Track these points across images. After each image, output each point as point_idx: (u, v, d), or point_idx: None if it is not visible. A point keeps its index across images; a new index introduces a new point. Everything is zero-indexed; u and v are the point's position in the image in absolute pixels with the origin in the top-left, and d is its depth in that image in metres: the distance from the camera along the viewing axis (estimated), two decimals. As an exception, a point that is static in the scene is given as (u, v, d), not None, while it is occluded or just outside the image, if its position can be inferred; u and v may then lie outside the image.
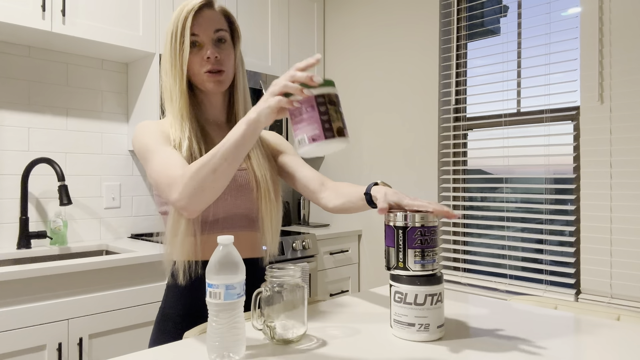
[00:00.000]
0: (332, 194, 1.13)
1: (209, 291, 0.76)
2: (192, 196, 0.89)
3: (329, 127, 0.80)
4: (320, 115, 0.80)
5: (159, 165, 0.97)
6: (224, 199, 1.07)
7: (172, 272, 1.10)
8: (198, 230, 1.06)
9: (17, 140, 2.09)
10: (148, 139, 1.03)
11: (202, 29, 1.07)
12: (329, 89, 0.82)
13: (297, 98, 0.80)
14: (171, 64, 1.07)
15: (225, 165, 0.86)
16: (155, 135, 1.04)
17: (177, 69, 1.07)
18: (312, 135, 0.80)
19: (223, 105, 1.17)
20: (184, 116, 1.06)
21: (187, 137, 1.05)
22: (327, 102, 0.81)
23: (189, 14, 1.05)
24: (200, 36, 1.07)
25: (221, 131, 1.16)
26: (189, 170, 0.89)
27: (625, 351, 0.82)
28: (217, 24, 1.09)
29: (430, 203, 0.88)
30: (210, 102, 1.15)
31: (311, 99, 0.80)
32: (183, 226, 1.03)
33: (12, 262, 1.95)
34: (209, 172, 0.87)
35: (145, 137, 1.04)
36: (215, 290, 0.76)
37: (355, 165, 2.92)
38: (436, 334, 0.87)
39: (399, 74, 2.70)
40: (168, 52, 1.08)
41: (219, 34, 1.09)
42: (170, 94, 1.08)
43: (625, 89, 1.89)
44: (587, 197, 1.99)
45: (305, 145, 0.80)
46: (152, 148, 1.01)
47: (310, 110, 0.80)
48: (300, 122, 0.81)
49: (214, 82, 1.08)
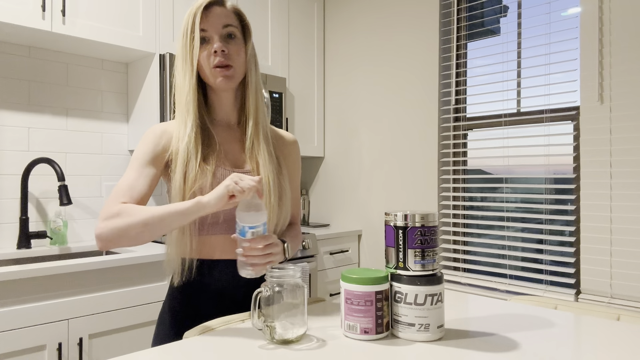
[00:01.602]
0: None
1: (251, 232, 0.94)
2: (110, 236, 0.96)
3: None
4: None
5: (119, 184, 1.03)
6: None
7: (174, 271, 1.10)
8: (195, 231, 1.06)
9: (17, 140, 2.09)
10: (137, 152, 1.08)
11: (210, 24, 1.07)
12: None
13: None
14: (183, 60, 1.08)
15: (157, 227, 0.95)
16: (145, 149, 1.07)
17: (188, 64, 1.08)
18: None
19: (234, 105, 1.16)
20: (189, 111, 1.07)
21: (188, 134, 1.05)
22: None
23: (198, 10, 1.06)
24: (208, 31, 1.07)
25: (230, 133, 1.15)
26: (124, 211, 0.96)
27: (625, 351, 0.82)
28: (226, 20, 1.09)
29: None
30: (221, 100, 1.14)
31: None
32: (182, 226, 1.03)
33: (12, 262, 1.95)
34: (140, 225, 0.94)
35: (138, 149, 1.08)
36: (256, 230, 0.95)
37: (355, 165, 2.92)
38: (436, 334, 0.87)
39: (398, 73, 2.70)
40: (180, 49, 1.09)
41: (227, 29, 1.09)
42: (179, 89, 1.09)
43: (625, 89, 1.89)
44: (587, 197, 1.99)
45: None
46: (132, 163, 1.06)
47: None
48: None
49: (223, 77, 1.08)
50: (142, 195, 1.03)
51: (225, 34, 1.09)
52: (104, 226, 0.96)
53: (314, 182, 3.19)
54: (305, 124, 2.98)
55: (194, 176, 1.04)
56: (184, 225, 1.03)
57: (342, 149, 3.01)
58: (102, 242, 0.96)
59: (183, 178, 1.04)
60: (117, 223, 0.95)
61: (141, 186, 1.03)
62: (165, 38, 2.25)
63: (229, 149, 1.13)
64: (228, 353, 0.82)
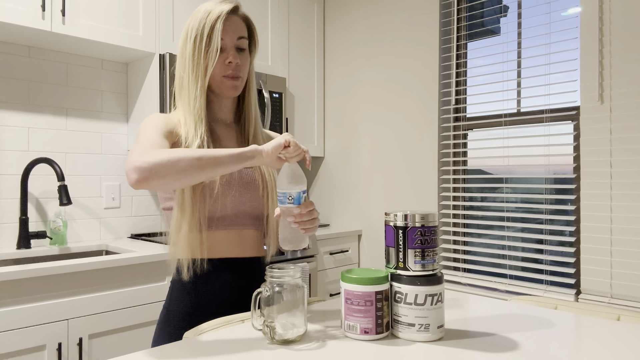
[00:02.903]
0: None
1: (304, 197, 0.98)
2: (155, 166, 0.84)
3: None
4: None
5: (143, 140, 0.95)
6: (232, 195, 1.09)
7: (177, 269, 1.10)
8: (205, 225, 1.06)
9: (17, 140, 2.09)
10: (149, 126, 1.03)
11: (227, 34, 1.09)
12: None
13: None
14: (194, 64, 1.09)
15: (210, 164, 0.88)
16: (158, 121, 1.06)
17: (201, 70, 1.09)
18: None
19: (232, 107, 1.21)
20: (202, 118, 1.09)
21: (200, 136, 1.07)
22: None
23: (219, 18, 1.07)
24: (224, 40, 1.09)
25: (228, 131, 1.18)
26: (168, 149, 0.88)
27: (625, 351, 0.82)
28: (240, 32, 1.12)
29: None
30: (221, 103, 1.18)
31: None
32: (187, 221, 1.03)
33: (12, 262, 1.95)
34: (192, 158, 0.86)
35: (148, 125, 1.04)
36: (305, 195, 0.99)
37: (355, 165, 2.92)
38: (436, 334, 0.87)
39: (398, 74, 2.70)
40: (190, 52, 1.09)
41: (240, 42, 1.12)
42: (188, 93, 1.10)
43: (625, 89, 1.89)
44: (587, 197, 1.99)
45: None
46: (146, 130, 1.01)
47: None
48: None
49: (232, 87, 1.12)
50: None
51: (238, 46, 1.12)
52: (144, 159, 0.84)
53: (314, 182, 3.19)
54: (305, 124, 2.98)
55: None
56: (193, 223, 1.03)
57: (342, 149, 3.01)
58: (142, 174, 0.83)
59: None
60: (163, 155, 0.85)
61: (163, 146, 0.97)
62: (165, 38, 2.25)
63: (228, 147, 1.16)
64: (228, 353, 0.82)
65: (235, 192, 1.09)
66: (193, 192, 1.04)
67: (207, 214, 1.06)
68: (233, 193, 1.09)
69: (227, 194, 1.08)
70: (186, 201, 1.03)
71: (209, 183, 1.05)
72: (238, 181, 1.10)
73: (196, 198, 1.04)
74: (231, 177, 1.10)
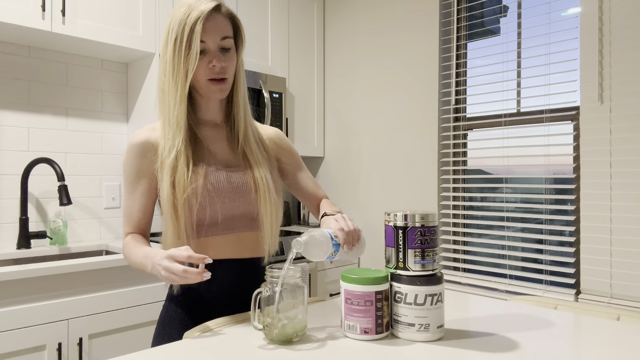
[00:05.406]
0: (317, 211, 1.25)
1: (335, 239, 0.96)
2: (124, 254, 1.11)
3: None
4: None
5: (123, 206, 1.19)
6: (222, 202, 1.07)
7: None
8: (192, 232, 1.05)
9: (17, 140, 2.09)
10: (125, 169, 1.12)
11: (209, 35, 1.04)
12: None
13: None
14: (174, 68, 1.04)
15: (137, 268, 1.06)
16: (131, 167, 1.10)
17: (181, 75, 1.04)
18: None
19: (220, 108, 1.17)
20: (180, 124, 1.05)
21: (176, 146, 1.04)
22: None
23: (198, 20, 1.01)
24: (206, 43, 1.04)
25: (217, 131, 1.15)
26: (125, 247, 1.10)
27: (625, 351, 0.82)
28: (224, 31, 1.06)
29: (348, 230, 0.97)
30: (208, 105, 1.14)
31: None
32: (171, 229, 1.03)
33: (12, 262, 1.95)
34: (131, 264, 1.09)
35: (125, 164, 1.13)
36: (336, 257, 0.96)
37: (355, 165, 2.92)
38: (436, 334, 0.87)
39: (398, 74, 2.70)
40: (170, 55, 1.04)
41: (224, 42, 1.06)
42: (168, 98, 1.06)
43: (625, 89, 1.89)
44: (587, 197, 1.99)
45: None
46: (124, 182, 1.12)
47: None
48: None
49: (217, 91, 1.08)
50: (140, 223, 1.12)
51: (222, 47, 1.06)
52: (123, 243, 1.13)
53: (314, 182, 3.18)
54: (305, 124, 2.98)
55: (184, 183, 1.03)
56: (180, 230, 1.03)
57: (342, 149, 3.01)
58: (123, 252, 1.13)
59: (172, 186, 1.03)
60: (124, 251, 1.11)
61: (137, 213, 1.11)
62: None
63: (217, 149, 1.13)
64: (228, 353, 0.82)
65: (225, 198, 1.07)
66: (173, 202, 1.02)
67: (194, 221, 1.04)
68: (223, 199, 1.07)
69: (216, 201, 1.06)
70: (167, 211, 1.03)
71: (192, 192, 1.03)
72: (227, 187, 1.08)
73: (178, 207, 1.02)
74: (219, 183, 1.07)
